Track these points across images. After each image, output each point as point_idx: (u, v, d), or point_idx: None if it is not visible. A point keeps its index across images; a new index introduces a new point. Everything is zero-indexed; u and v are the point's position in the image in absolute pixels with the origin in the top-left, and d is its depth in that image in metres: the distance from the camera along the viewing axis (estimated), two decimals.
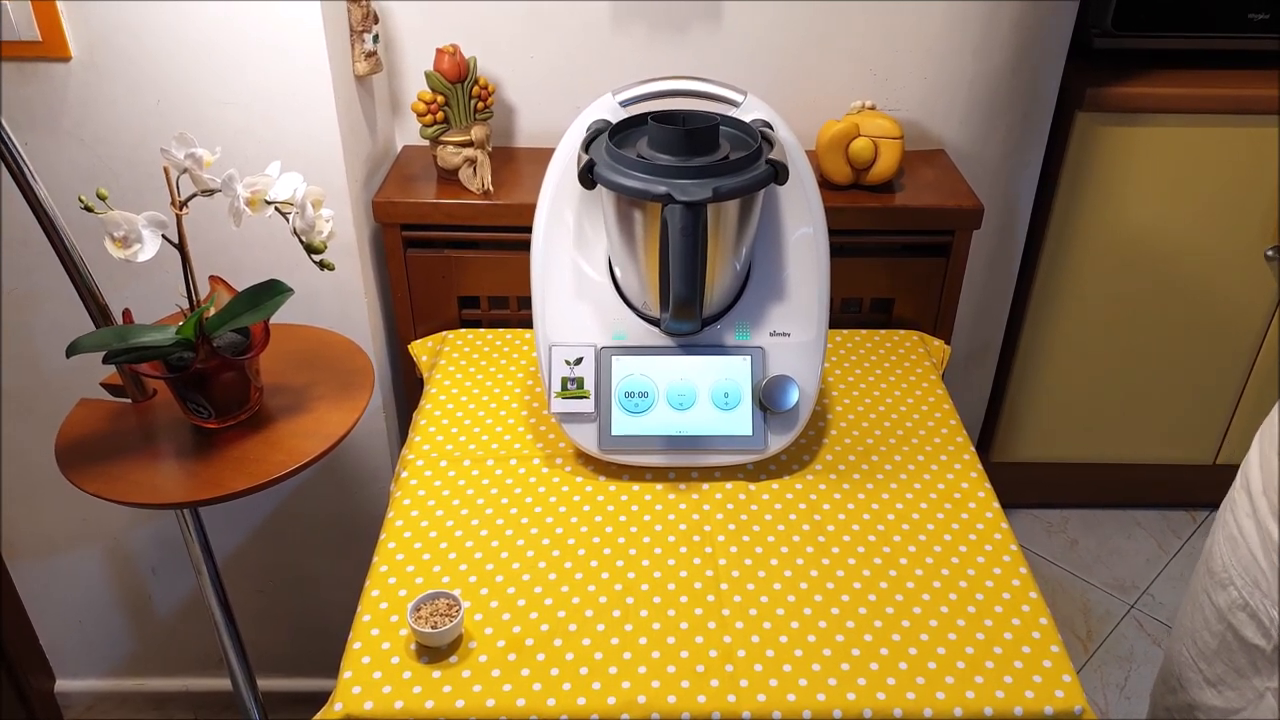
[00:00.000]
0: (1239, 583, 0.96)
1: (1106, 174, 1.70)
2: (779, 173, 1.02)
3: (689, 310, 1.02)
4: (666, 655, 0.91)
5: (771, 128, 1.09)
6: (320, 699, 0.91)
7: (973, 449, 1.18)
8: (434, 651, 0.91)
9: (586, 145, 1.06)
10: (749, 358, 1.12)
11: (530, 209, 1.15)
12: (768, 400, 1.10)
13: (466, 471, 1.13)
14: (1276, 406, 0.96)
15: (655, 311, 1.11)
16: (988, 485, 1.12)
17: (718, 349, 1.12)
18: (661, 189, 0.96)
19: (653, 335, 1.12)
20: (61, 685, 1.84)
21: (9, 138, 0.97)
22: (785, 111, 1.13)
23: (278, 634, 1.76)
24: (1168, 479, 2.14)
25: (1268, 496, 0.91)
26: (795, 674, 0.89)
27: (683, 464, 1.12)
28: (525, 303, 1.29)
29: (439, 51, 1.33)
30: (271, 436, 1.10)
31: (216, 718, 1.85)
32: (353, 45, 1.29)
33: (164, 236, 0.99)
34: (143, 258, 0.98)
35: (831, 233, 1.14)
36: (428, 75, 1.33)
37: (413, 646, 0.92)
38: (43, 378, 1.45)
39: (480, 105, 1.37)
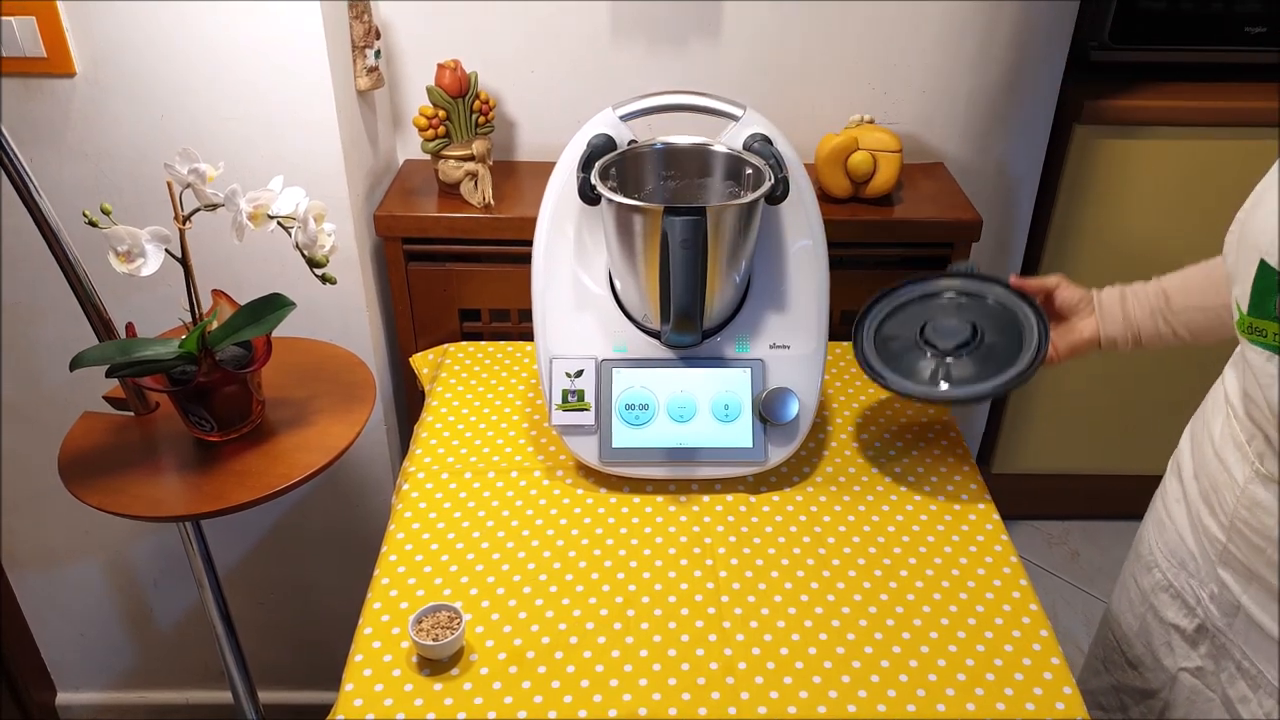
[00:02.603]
0: (1164, 565, 1.01)
1: (1105, 186, 1.70)
2: (778, 189, 1.03)
3: (689, 323, 1.02)
4: (667, 667, 0.91)
5: (771, 141, 1.10)
6: (321, 711, 0.91)
7: (973, 460, 1.18)
8: (435, 664, 0.91)
9: (584, 164, 1.07)
10: (749, 370, 1.12)
11: (531, 222, 1.16)
12: (768, 412, 1.10)
13: (468, 484, 1.13)
14: (1207, 397, 0.99)
15: (656, 324, 1.11)
16: (988, 497, 1.12)
17: (718, 361, 1.13)
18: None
19: (653, 347, 1.13)
20: (63, 698, 1.84)
21: (13, 153, 0.98)
22: (784, 125, 1.14)
23: (279, 646, 1.76)
24: None
25: (1198, 481, 0.95)
26: (796, 686, 0.89)
27: (683, 476, 1.12)
28: (526, 315, 1.30)
29: (440, 66, 1.34)
30: (273, 449, 1.10)
31: None
32: (355, 60, 1.30)
33: (167, 251, 1.00)
34: (146, 272, 0.98)
35: (831, 245, 1.15)
36: (429, 90, 1.34)
37: (414, 659, 0.92)
38: (46, 391, 1.46)
39: (481, 119, 1.38)
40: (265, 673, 1.72)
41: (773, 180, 1.04)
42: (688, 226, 0.96)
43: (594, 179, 1.04)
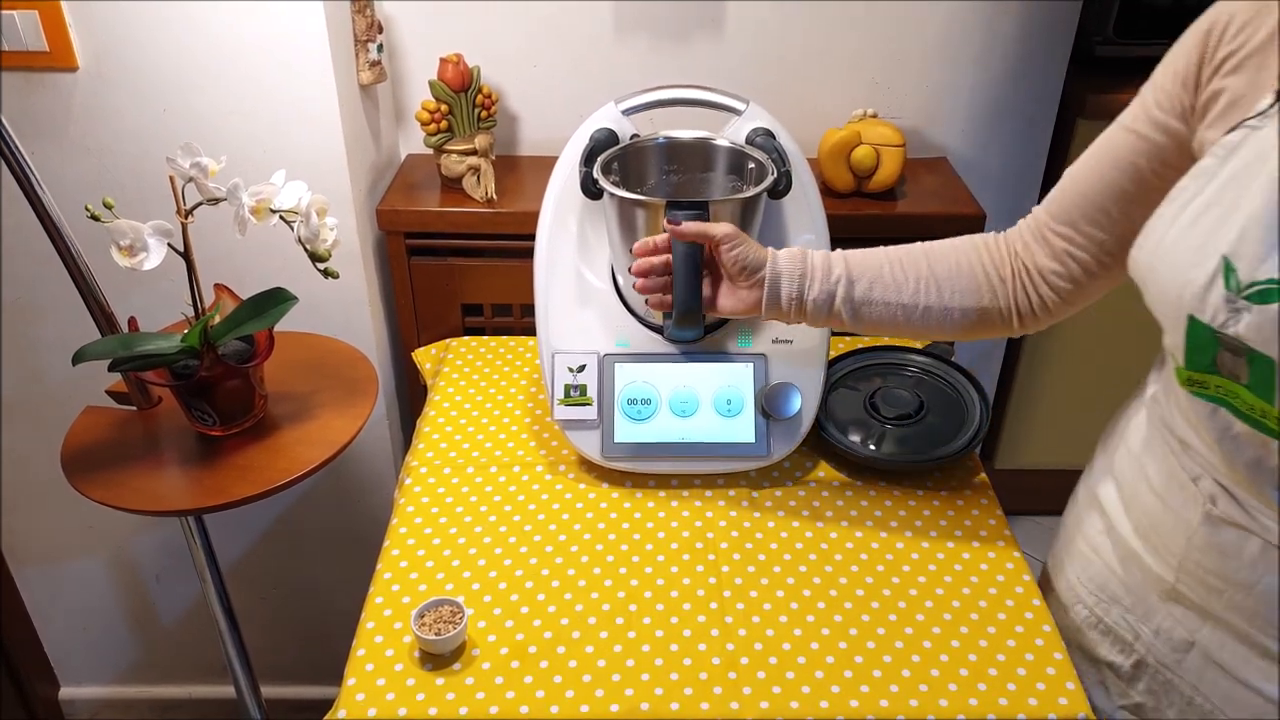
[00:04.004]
0: (1089, 601, 0.94)
1: None
2: (781, 183, 1.03)
3: (692, 317, 1.02)
4: (670, 662, 0.91)
5: (774, 136, 1.10)
6: (324, 706, 0.91)
7: (976, 455, 1.18)
8: (438, 658, 0.91)
9: (586, 158, 1.07)
10: (751, 365, 1.12)
11: (533, 217, 1.16)
12: (770, 407, 1.10)
13: (470, 479, 1.13)
14: (1126, 428, 0.95)
15: (658, 319, 1.11)
16: (990, 492, 1.12)
17: (720, 356, 1.12)
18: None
19: (655, 342, 1.13)
20: (66, 692, 1.84)
21: (16, 147, 0.98)
22: (787, 120, 1.14)
23: (281, 641, 1.76)
24: None
25: (1130, 517, 0.90)
26: (798, 681, 0.89)
27: (685, 471, 1.12)
28: (529, 310, 1.30)
29: (443, 61, 1.34)
30: (275, 444, 1.10)
31: None
32: (357, 55, 1.30)
33: (169, 245, 1.00)
34: (148, 266, 0.98)
35: (834, 240, 1.14)
36: (432, 84, 1.34)
37: (416, 653, 0.92)
38: (48, 385, 1.46)
39: (484, 114, 1.38)
40: (268, 667, 1.72)
41: (775, 174, 1.04)
42: (689, 220, 0.96)
43: (596, 173, 1.04)
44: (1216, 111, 0.76)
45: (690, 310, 1.01)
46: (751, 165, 1.09)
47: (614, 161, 1.08)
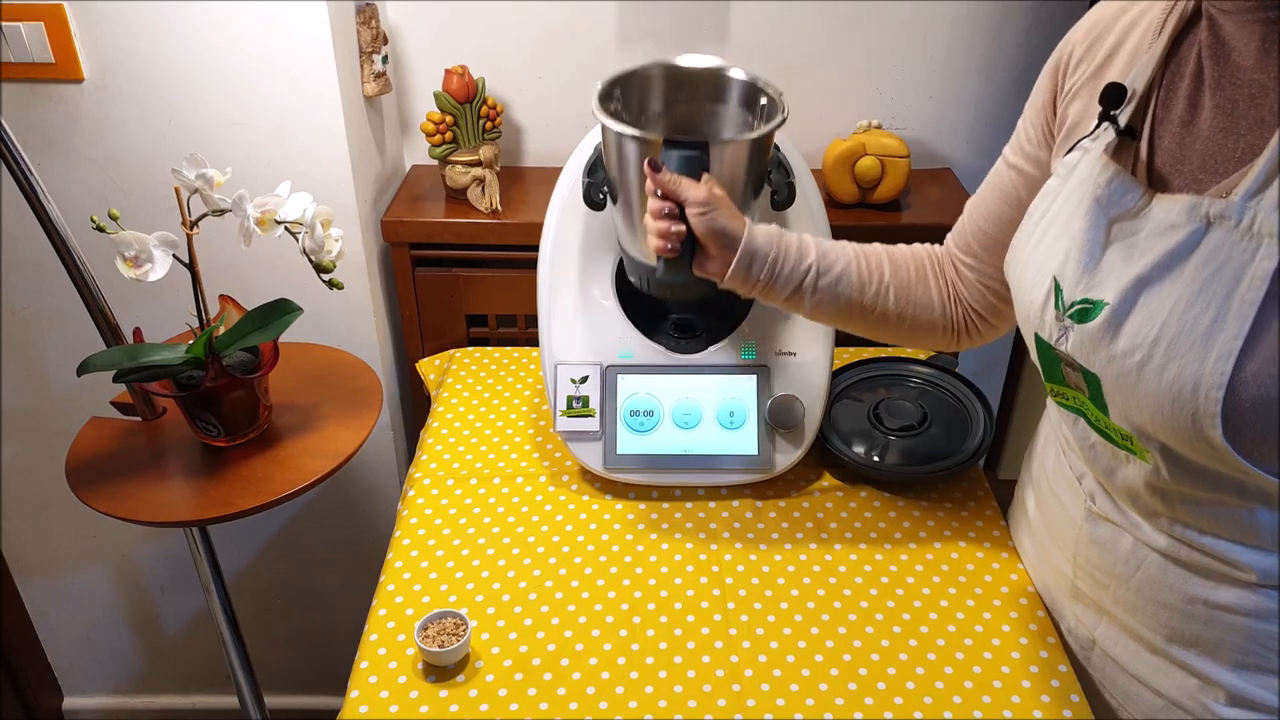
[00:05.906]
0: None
1: None
2: (782, 194, 1.02)
3: (681, 262, 0.92)
4: (673, 674, 0.91)
5: (778, 146, 1.10)
6: (327, 717, 0.91)
7: (979, 466, 1.18)
8: (441, 671, 0.91)
9: (589, 169, 1.07)
10: (755, 376, 1.12)
11: (538, 228, 1.16)
12: (774, 419, 1.10)
13: (473, 490, 1.13)
14: (1039, 429, 0.99)
15: (650, 260, 1.01)
16: (994, 504, 1.12)
17: (723, 368, 1.12)
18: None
19: (658, 354, 1.13)
20: (69, 703, 1.84)
21: (21, 158, 0.98)
22: (791, 130, 1.14)
23: (285, 652, 1.76)
24: None
25: (1042, 515, 0.95)
26: (802, 693, 0.89)
27: (688, 483, 1.12)
28: (533, 321, 1.30)
29: (448, 72, 1.35)
30: (280, 455, 1.10)
31: None
32: (362, 66, 1.30)
33: (175, 256, 1.00)
34: (153, 277, 0.99)
35: None
36: (436, 95, 1.34)
37: (420, 666, 0.92)
38: (53, 396, 1.46)
39: (489, 125, 1.38)
40: (271, 678, 1.72)
41: (785, 114, 0.96)
42: (685, 162, 0.88)
43: (594, 104, 0.97)
44: (1062, 135, 0.81)
45: (679, 254, 0.91)
46: (764, 101, 1.01)
47: (615, 88, 1.01)
